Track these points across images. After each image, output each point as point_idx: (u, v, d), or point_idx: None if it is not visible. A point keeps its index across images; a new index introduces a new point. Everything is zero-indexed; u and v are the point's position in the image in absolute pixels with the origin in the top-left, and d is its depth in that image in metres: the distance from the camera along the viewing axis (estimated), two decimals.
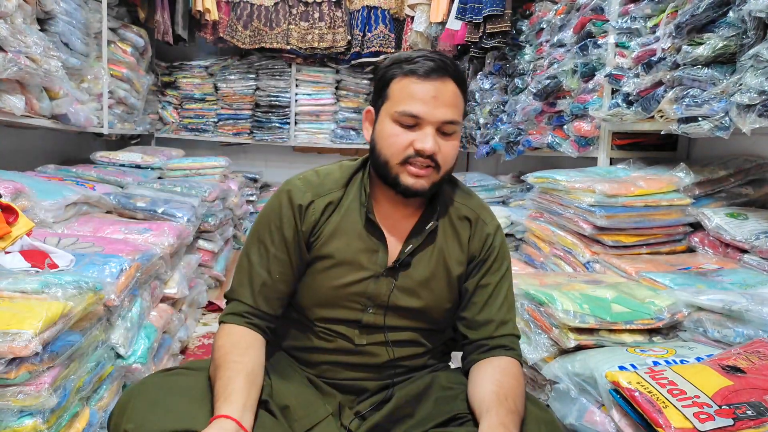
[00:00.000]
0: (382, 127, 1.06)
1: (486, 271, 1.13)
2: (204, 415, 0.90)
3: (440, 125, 1.03)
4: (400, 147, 1.03)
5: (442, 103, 1.02)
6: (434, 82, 1.02)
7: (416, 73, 1.02)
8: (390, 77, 1.06)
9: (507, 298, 1.13)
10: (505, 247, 1.17)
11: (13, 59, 1.95)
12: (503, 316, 1.11)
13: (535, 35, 2.94)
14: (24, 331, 0.98)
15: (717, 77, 1.57)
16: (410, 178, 1.04)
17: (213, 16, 4.29)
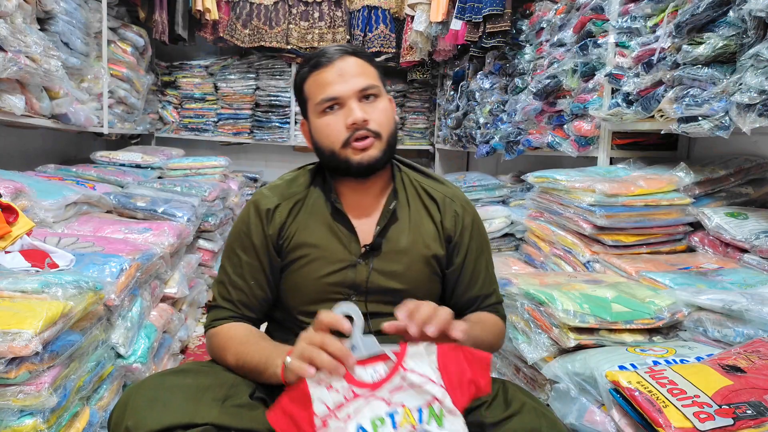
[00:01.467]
0: (314, 126, 1.13)
1: (465, 252, 1.18)
2: (202, 410, 0.90)
3: (358, 95, 1.09)
4: (336, 131, 1.09)
5: (351, 75, 1.09)
6: (336, 62, 1.09)
7: (319, 65, 1.10)
8: (301, 82, 1.14)
9: (488, 273, 1.21)
10: (477, 222, 1.21)
11: (13, 59, 1.95)
12: (487, 290, 1.19)
13: (535, 35, 2.94)
14: (24, 330, 0.98)
15: (717, 77, 1.57)
16: (358, 154, 1.08)
17: (213, 16, 4.29)
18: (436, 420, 0.88)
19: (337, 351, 0.87)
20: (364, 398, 0.88)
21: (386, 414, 0.88)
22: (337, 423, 0.87)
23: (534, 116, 2.86)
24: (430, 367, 0.89)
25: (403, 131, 4.97)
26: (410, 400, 0.88)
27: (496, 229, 2.75)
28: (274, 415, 0.89)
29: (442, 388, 0.89)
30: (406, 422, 0.87)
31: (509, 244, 2.77)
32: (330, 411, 0.87)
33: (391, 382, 0.89)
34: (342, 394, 0.88)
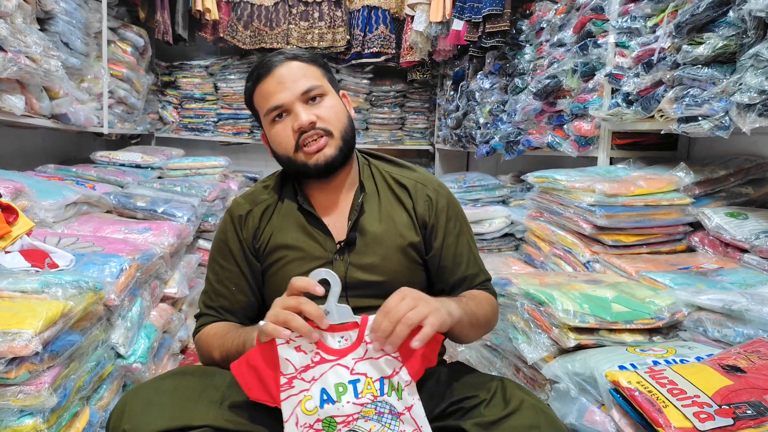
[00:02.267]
0: (269, 136, 1.16)
1: (444, 234, 1.17)
2: (200, 412, 0.91)
3: (302, 98, 1.10)
4: (286, 138, 1.11)
5: (291, 80, 1.10)
6: (275, 71, 1.11)
7: (260, 77, 1.12)
8: (249, 97, 1.17)
9: (471, 253, 1.20)
10: (452, 203, 1.21)
11: (13, 59, 1.95)
12: (472, 270, 1.18)
13: (535, 35, 2.94)
14: (24, 330, 0.98)
15: (717, 77, 1.57)
16: (312, 157, 1.10)
17: (213, 16, 4.29)
18: (396, 392, 0.91)
19: (313, 312, 0.89)
20: (330, 364, 0.91)
21: (349, 382, 0.90)
22: (302, 384, 0.90)
23: (534, 116, 2.86)
24: None
25: (403, 131, 4.97)
26: (372, 371, 0.91)
27: (496, 229, 2.75)
28: (239, 367, 0.91)
29: (399, 361, 0.92)
30: (368, 391, 0.90)
31: (509, 244, 2.77)
32: (296, 371, 0.90)
33: (356, 352, 0.92)
34: (309, 356, 0.91)
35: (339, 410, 0.89)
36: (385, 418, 0.91)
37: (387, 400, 0.91)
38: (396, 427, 0.91)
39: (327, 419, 0.89)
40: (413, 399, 0.92)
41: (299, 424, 0.89)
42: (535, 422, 0.93)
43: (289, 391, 0.90)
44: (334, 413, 0.89)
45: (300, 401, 0.89)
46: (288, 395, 0.90)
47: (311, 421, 0.89)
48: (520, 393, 1.00)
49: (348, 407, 0.90)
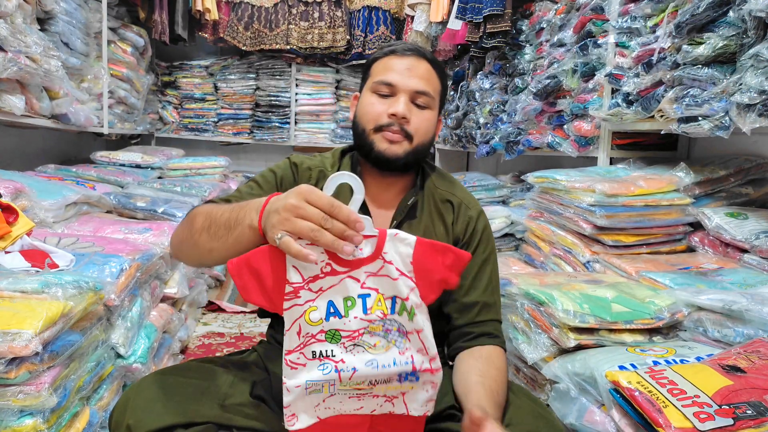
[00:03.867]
0: (361, 100, 1.16)
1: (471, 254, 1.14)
2: (203, 409, 0.91)
3: (413, 95, 1.11)
4: (375, 114, 1.11)
5: (416, 74, 1.12)
6: (410, 57, 1.13)
7: (395, 52, 1.14)
8: (373, 60, 1.18)
9: (491, 281, 1.16)
10: (488, 231, 1.21)
11: (13, 59, 1.95)
12: (487, 299, 1.14)
13: (535, 35, 2.94)
14: (24, 330, 0.98)
15: (717, 77, 1.57)
16: (384, 143, 1.10)
17: (213, 16, 4.29)
18: (407, 314, 0.86)
19: (351, 218, 0.80)
20: (341, 276, 0.85)
21: (359, 296, 0.85)
22: (308, 294, 0.84)
23: (534, 116, 2.86)
24: (403, 261, 0.87)
25: None
26: (385, 288, 0.86)
27: (496, 229, 2.75)
28: (238, 268, 0.84)
29: (413, 283, 0.87)
30: (377, 308, 0.86)
31: (509, 244, 2.77)
32: (303, 281, 0.84)
33: (370, 266, 0.86)
34: (319, 266, 0.84)
35: (345, 325, 0.85)
36: (392, 335, 0.86)
37: (396, 319, 0.86)
38: (402, 345, 0.86)
39: (331, 331, 0.85)
40: (424, 323, 0.87)
41: (301, 333, 0.85)
42: (535, 428, 0.92)
43: (294, 301, 0.84)
44: (340, 327, 0.85)
45: (304, 311, 0.84)
46: (292, 305, 0.84)
47: (314, 332, 0.84)
48: (520, 397, 1.00)
49: (355, 323, 0.85)
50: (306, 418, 0.88)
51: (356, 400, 0.88)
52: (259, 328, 2.37)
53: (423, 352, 0.87)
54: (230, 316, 2.52)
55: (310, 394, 0.86)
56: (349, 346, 0.85)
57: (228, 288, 2.99)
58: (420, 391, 0.89)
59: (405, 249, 0.87)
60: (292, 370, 0.85)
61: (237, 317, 2.52)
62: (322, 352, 0.85)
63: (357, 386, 0.86)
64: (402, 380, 0.87)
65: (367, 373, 0.85)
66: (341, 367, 0.85)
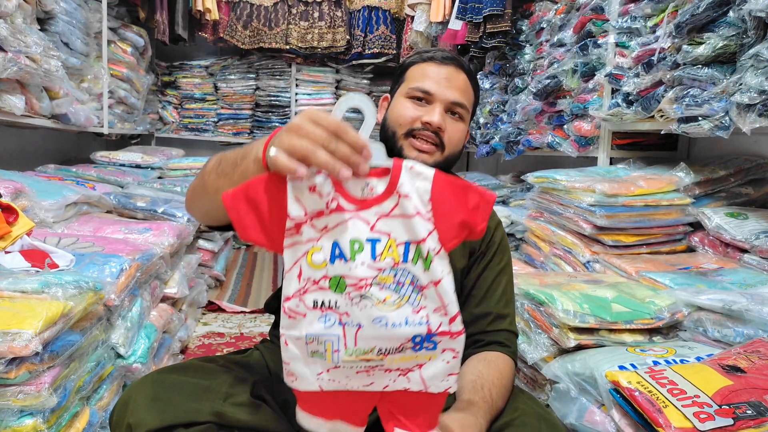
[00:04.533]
0: (394, 104, 1.13)
1: (486, 265, 1.14)
2: (204, 408, 0.90)
3: (449, 105, 1.09)
4: (408, 119, 1.09)
5: (454, 85, 1.10)
6: (448, 67, 1.10)
7: (434, 59, 1.11)
8: (409, 64, 1.16)
9: (506, 293, 1.14)
10: (505, 243, 1.19)
11: (13, 59, 1.95)
12: (501, 310, 1.11)
13: (535, 35, 2.94)
14: (24, 330, 0.98)
15: (717, 77, 1.57)
16: (413, 151, 1.08)
17: (213, 16, 4.30)
18: (422, 261, 0.76)
19: (356, 141, 0.72)
20: (349, 214, 0.75)
21: (367, 240, 0.75)
22: (311, 232, 0.75)
23: (534, 116, 2.86)
24: (421, 198, 0.76)
25: None
26: (398, 232, 0.76)
27: None
28: (234, 199, 0.75)
29: (432, 224, 0.76)
30: (388, 255, 0.75)
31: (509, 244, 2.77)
32: (306, 216, 0.74)
33: (381, 206, 0.76)
34: (324, 201, 0.74)
35: (351, 270, 0.74)
36: (405, 290, 0.76)
37: (409, 269, 0.75)
38: (416, 302, 0.76)
39: (336, 278, 0.74)
40: (443, 272, 0.76)
41: (302, 277, 0.75)
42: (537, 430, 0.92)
43: (296, 238, 0.74)
44: (345, 273, 0.74)
45: (306, 252, 0.74)
46: (293, 242, 0.75)
47: (317, 277, 0.75)
48: (522, 398, 1.00)
49: (362, 269, 0.74)
50: (306, 383, 0.78)
51: (365, 375, 0.78)
52: (259, 328, 2.37)
53: (441, 311, 0.77)
54: (230, 316, 2.52)
55: (313, 357, 0.77)
56: (354, 296, 0.75)
57: (228, 288, 2.99)
58: (438, 362, 0.78)
59: (423, 184, 0.76)
60: (290, 319, 0.76)
61: (237, 317, 2.52)
62: (324, 302, 0.75)
63: (365, 356, 0.76)
64: (417, 348, 0.77)
65: (374, 333, 0.75)
66: (345, 320, 0.75)
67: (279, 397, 1.03)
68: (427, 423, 0.82)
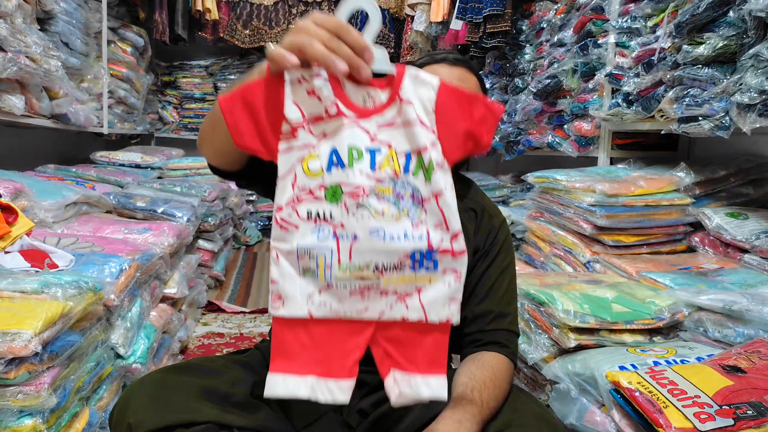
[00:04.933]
0: None
1: (489, 264, 1.13)
2: (204, 408, 0.90)
3: None
4: None
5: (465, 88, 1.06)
6: (460, 69, 1.10)
7: (445, 60, 1.10)
8: (420, 65, 1.13)
9: (508, 292, 1.13)
10: (509, 242, 1.17)
11: (13, 59, 1.95)
12: (502, 309, 1.10)
13: (535, 35, 2.94)
14: (24, 331, 0.98)
15: (717, 77, 1.57)
16: None
17: (213, 16, 4.29)
18: (424, 172, 0.73)
19: (357, 42, 0.70)
20: (348, 120, 0.73)
21: (367, 150, 0.73)
22: (308, 137, 0.72)
23: (534, 116, 2.86)
24: (424, 107, 0.74)
25: None
26: (399, 142, 0.73)
27: None
28: (230, 102, 0.73)
29: (434, 135, 0.74)
30: (388, 166, 0.73)
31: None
32: (304, 120, 0.72)
33: (383, 116, 0.73)
34: (323, 105, 0.72)
35: (348, 178, 0.72)
36: (404, 203, 0.73)
37: (410, 181, 0.73)
38: (416, 216, 0.73)
39: (332, 187, 0.72)
40: (445, 184, 0.73)
41: (296, 185, 0.72)
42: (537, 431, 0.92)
43: (292, 142, 0.72)
44: (342, 180, 0.72)
45: (303, 158, 0.72)
46: (289, 147, 0.72)
47: (312, 186, 0.72)
48: (523, 399, 1.00)
49: (359, 177, 0.72)
50: (294, 307, 0.73)
51: (359, 298, 0.74)
52: (259, 329, 2.37)
53: (442, 227, 0.73)
54: (230, 317, 2.52)
55: (304, 275, 0.73)
56: (351, 206, 0.72)
57: (228, 288, 2.99)
58: (439, 284, 0.75)
59: (427, 93, 0.74)
60: (282, 230, 0.72)
61: (237, 317, 2.51)
62: (319, 213, 0.72)
63: (360, 273, 0.72)
64: (417, 267, 0.73)
65: (370, 246, 0.71)
66: (340, 232, 0.71)
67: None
68: (428, 362, 0.76)
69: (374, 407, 1.06)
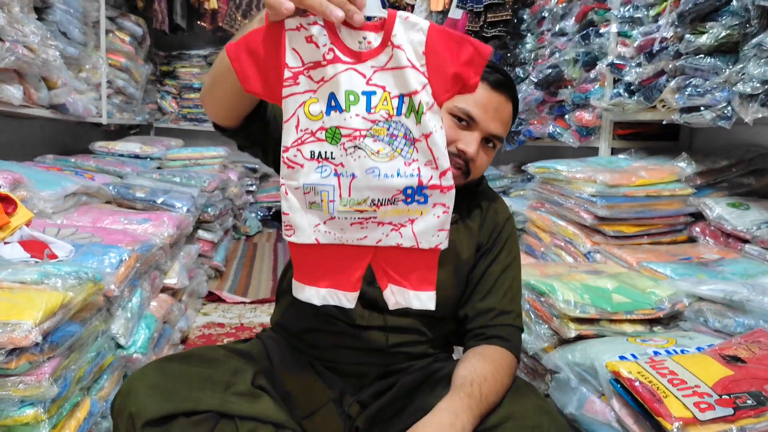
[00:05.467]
0: None
1: (492, 260, 1.12)
2: (205, 398, 0.91)
3: (489, 136, 1.06)
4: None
5: (500, 117, 1.07)
6: (500, 96, 1.06)
7: (487, 80, 1.05)
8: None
9: (511, 289, 1.12)
10: (514, 239, 1.16)
11: (10, 49, 1.93)
12: (505, 306, 1.09)
13: (536, 24, 2.92)
14: (24, 321, 0.98)
15: (719, 66, 1.56)
16: None
17: (212, 5, 4.26)
18: (415, 115, 0.78)
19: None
20: (345, 65, 0.77)
21: (362, 93, 0.77)
22: (308, 83, 0.77)
23: (535, 106, 2.85)
24: (415, 50, 0.77)
25: None
26: (392, 85, 0.78)
27: None
28: (236, 50, 0.78)
29: (425, 77, 0.78)
30: (382, 107, 0.78)
31: None
32: (303, 66, 0.77)
33: (377, 59, 0.77)
34: (321, 52, 0.76)
35: (345, 121, 0.77)
36: (398, 142, 0.79)
37: (403, 122, 0.78)
38: (408, 155, 0.79)
39: (331, 129, 0.78)
40: (434, 126, 0.79)
41: (299, 127, 0.78)
42: (538, 422, 0.92)
43: (293, 88, 0.77)
44: (340, 124, 0.78)
45: (304, 102, 0.78)
46: (291, 93, 0.78)
47: (314, 128, 0.78)
48: (524, 392, 0.99)
49: (356, 120, 0.77)
50: (303, 236, 0.83)
51: (359, 228, 0.83)
52: (259, 318, 2.37)
53: (432, 164, 0.80)
54: (230, 307, 2.53)
55: (311, 209, 0.81)
56: (349, 147, 0.78)
57: (228, 278, 3.00)
58: (430, 216, 0.82)
59: (417, 36, 0.77)
60: (289, 168, 0.80)
61: (237, 308, 2.52)
62: (321, 153, 0.79)
63: (358, 207, 0.80)
64: (408, 201, 0.81)
65: (367, 184, 0.79)
66: (340, 171, 0.79)
67: (279, 386, 1.04)
68: (419, 280, 0.86)
69: (374, 398, 1.06)
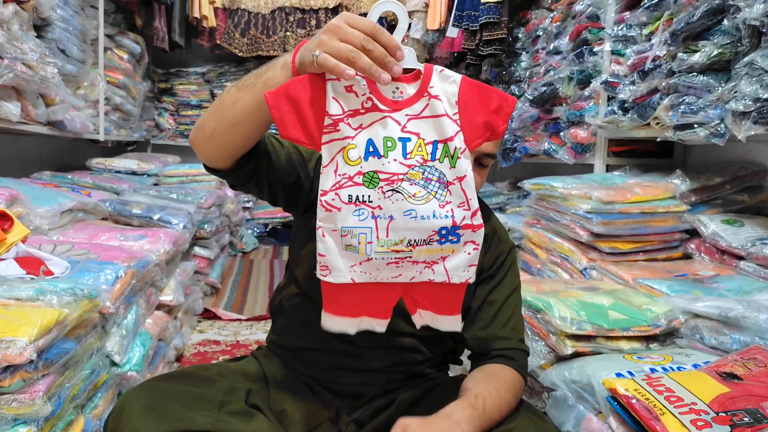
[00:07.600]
0: None
1: (493, 287, 1.11)
2: (199, 417, 0.90)
3: (480, 156, 1.05)
4: None
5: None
6: None
7: None
8: None
9: (514, 316, 1.11)
10: (515, 269, 1.16)
11: (9, 66, 1.95)
12: (507, 334, 1.09)
13: (531, 43, 2.95)
14: (18, 338, 0.97)
15: (712, 84, 1.58)
16: None
17: (210, 23, 4.30)
18: (449, 159, 0.83)
19: (390, 43, 0.79)
20: (382, 114, 0.82)
21: (399, 139, 0.82)
22: (347, 129, 0.81)
23: (530, 123, 2.87)
24: (448, 100, 0.83)
25: None
26: (426, 132, 0.83)
27: None
28: (276, 98, 0.81)
29: (458, 125, 0.83)
30: (417, 153, 0.82)
31: None
32: (343, 114, 0.81)
33: (412, 108, 0.83)
34: (360, 101, 0.82)
35: (383, 166, 0.81)
36: (432, 186, 0.82)
37: (437, 166, 0.82)
38: (442, 197, 0.83)
39: (369, 173, 0.81)
40: (467, 169, 0.83)
41: (338, 172, 0.81)
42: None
43: (333, 135, 0.81)
44: (378, 168, 0.81)
45: (343, 148, 0.81)
46: (331, 139, 0.81)
47: (352, 173, 0.81)
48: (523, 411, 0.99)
49: (393, 165, 0.81)
50: (340, 276, 0.85)
51: (394, 267, 0.85)
52: (255, 336, 2.36)
53: (464, 206, 0.84)
54: (226, 324, 2.51)
55: (347, 250, 0.83)
56: (387, 191, 0.81)
57: (224, 295, 2.98)
58: (461, 253, 0.86)
59: (450, 87, 0.84)
60: (327, 212, 0.82)
61: (233, 325, 2.51)
62: (358, 197, 0.81)
63: (396, 247, 0.83)
64: (443, 241, 0.84)
65: (405, 225, 0.82)
66: (378, 213, 0.81)
67: (274, 405, 1.03)
68: (446, 307, 0.91)
69: (371, 417, 1.05)
